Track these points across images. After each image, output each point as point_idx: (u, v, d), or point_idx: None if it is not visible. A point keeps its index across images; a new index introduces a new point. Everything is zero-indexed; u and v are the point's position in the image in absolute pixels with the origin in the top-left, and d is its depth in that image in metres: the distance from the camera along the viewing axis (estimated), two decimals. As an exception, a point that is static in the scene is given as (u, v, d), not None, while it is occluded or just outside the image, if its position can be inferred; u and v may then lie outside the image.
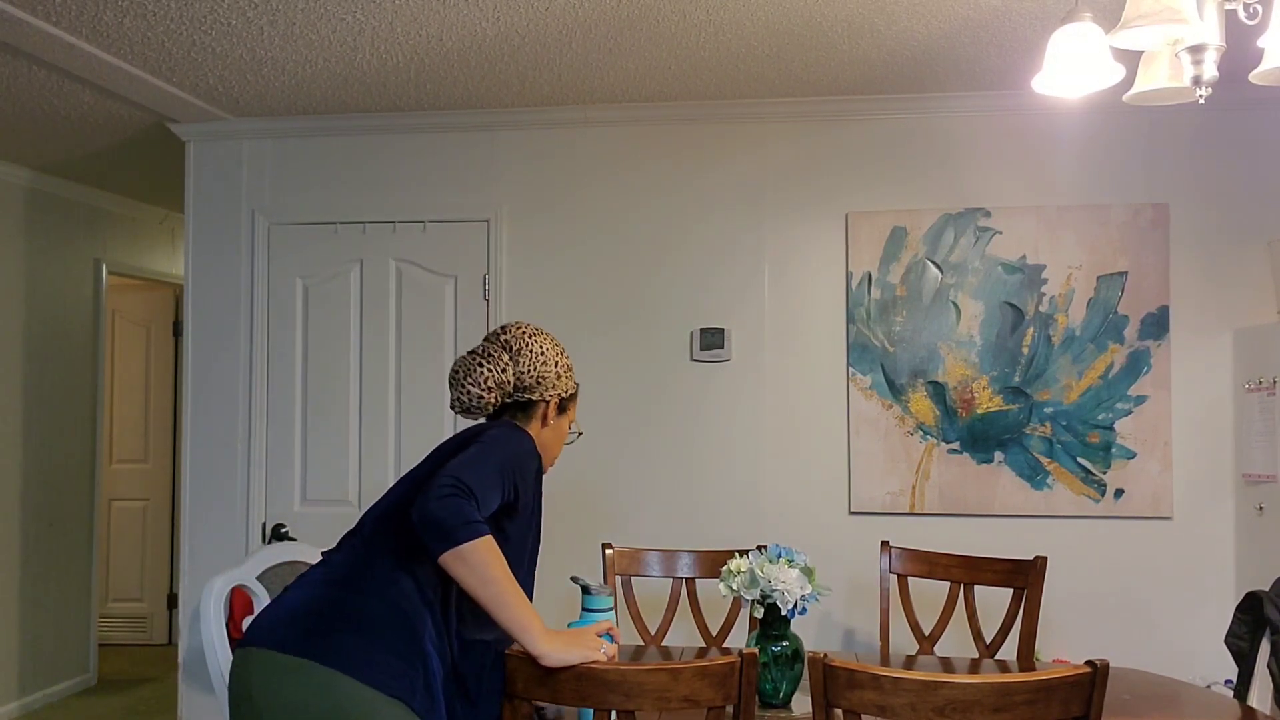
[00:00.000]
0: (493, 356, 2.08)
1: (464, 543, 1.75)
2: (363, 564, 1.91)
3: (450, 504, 1.76)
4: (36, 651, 4.96)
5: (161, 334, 6.27)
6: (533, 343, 2.11)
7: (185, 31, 3.15)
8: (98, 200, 5.38)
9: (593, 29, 3.14)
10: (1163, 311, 3.65)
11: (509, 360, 2.08)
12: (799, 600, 2.24)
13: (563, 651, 1.74)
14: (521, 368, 2.08)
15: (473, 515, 1.78)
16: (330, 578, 1.91)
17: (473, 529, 1.76)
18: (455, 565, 1.77)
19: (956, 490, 3.72)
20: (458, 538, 1.75)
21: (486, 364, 2.07)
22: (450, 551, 1.75)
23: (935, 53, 3.34)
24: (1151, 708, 2.28)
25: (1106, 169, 3.74)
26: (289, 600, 1.91)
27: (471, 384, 2.05)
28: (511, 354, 2.09)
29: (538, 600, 3.68)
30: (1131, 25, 1.82)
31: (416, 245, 4.04)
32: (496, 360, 2.08)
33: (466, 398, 2.07)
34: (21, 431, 4.90)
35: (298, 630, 1.82)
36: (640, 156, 3.96)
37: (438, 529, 1.75)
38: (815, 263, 3.86)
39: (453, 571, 1.78)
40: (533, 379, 2.09)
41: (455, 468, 1.83)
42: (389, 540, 1.92)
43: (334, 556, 1.97)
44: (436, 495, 1.77)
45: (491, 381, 2.06)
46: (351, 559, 1.93)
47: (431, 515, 1.76)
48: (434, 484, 1.79)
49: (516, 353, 2.09)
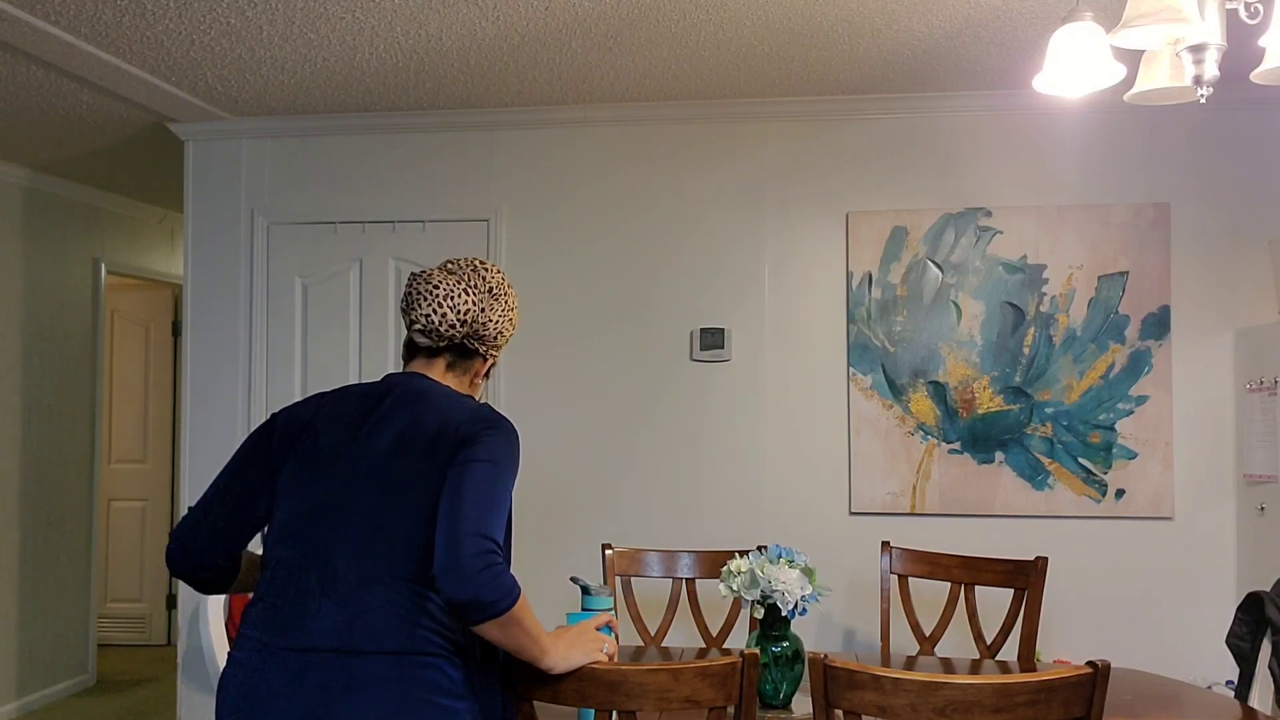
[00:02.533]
0: (475, 289, 1.87)
1: (506, 611, 1.61)
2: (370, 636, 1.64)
3: (488, 577, 1.58)
4: (35, 651, 4.96)
5: (161, 334, 6.27)
6: (510, 295, 1.93)
7: (185, 31, 3.14)
8: (97, 200, 5.38)
9: (593, 29, 3.14)
10: (1164, 311, 3.65)
11: (489, 301, 1.88)
12: (799, 601, 2.24)
13: (568, 659, 1.72)
14: (493, 314, 1.88)
15: (510, 582, 1.61)
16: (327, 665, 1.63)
17: (512, 598, 1.61)
18: (492, 630, 1.63)
19: (957, 490, 3.72)
20: (500, 611, 1.60)
21: (471, 294, 1.85)
22: (490, 622, 1.61)
23: (935, 52, 3.34)
24: (1152, 708, 2.27)
25: (1107, 169, 3.74)
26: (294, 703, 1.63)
27: (450, 308, 1.82)
28: (490, 295, 1.89)
29: (537, 601, 3.69)
30: (1132, 24, 1.82)
31: (416, 245, 4.04)
32: (479, 294, 1.87)
33: (439, 320, 1.82)
34: (21, 431, 4.89)
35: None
36: (640, 156, 3.95)
37: (479, 608, 1.59)
38: (815, 263, 3.86)
39: (486, 634, 1.64)
40: (494, 330, 1.88)
41: (477, 518, 1.61)
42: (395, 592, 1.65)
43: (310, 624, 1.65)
44: (473, 570, 1.57)
45: (468, 314, 1.84)
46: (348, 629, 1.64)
47: (472, 595, 1.57)
48: (462, 549, 1.58)
49: (495, 296, 1.89)
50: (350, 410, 1.80)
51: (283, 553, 1.72)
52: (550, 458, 3.93)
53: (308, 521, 1.71)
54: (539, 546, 3.87)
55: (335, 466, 1.74)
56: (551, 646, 1.71)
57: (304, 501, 1.73)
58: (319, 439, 1.77)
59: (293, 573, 1.69)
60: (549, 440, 3.93)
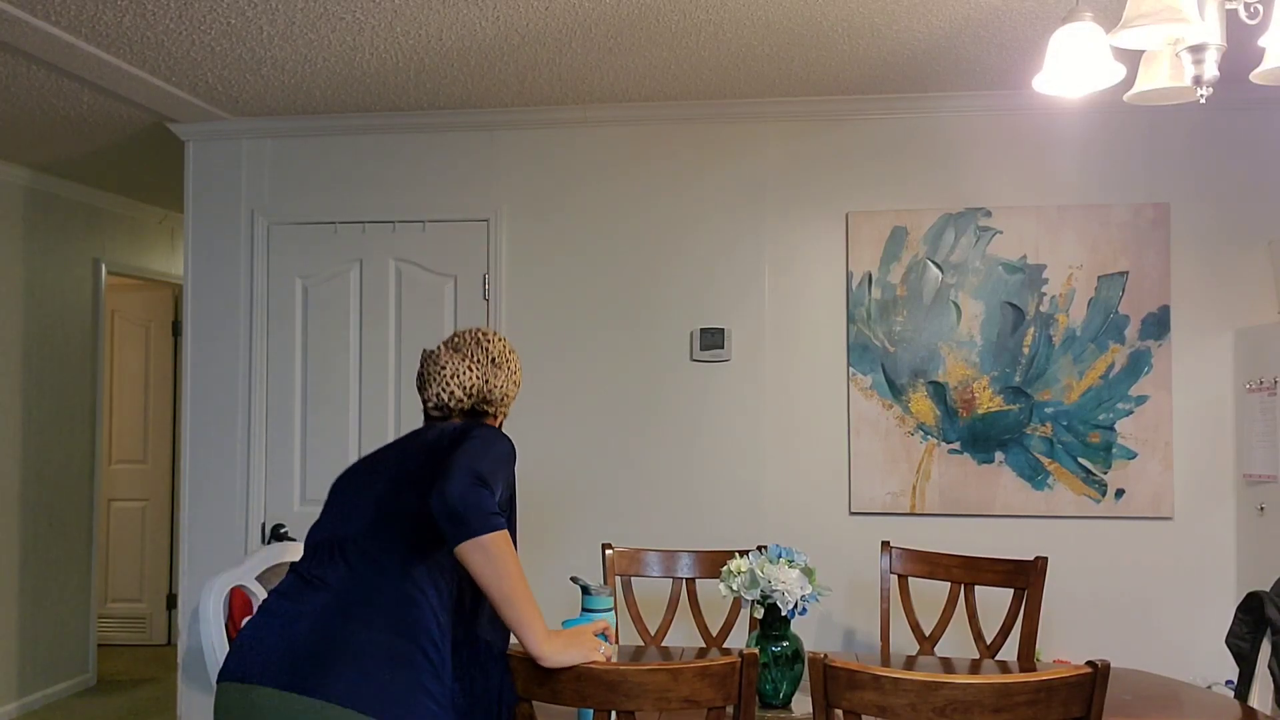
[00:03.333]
0: (479, 363, 2.09)
1: (485, 534, 1.75)
2: (369, 587, 1.84)
3: (472, 495, 1.76)
4: (36, 651, 4.96)
5: (161, 334, 6.27)
6: (512, 360, 2.15)
7: (185, 31, 3.14)
8: (97, 200, 5.38)
9: (593, 29, 3.14)
10: (1163, 311, 3.65)
11: (491, 370, 2.10)
12: (799, 600, 2.24)
13: (561, 653, 1.74)
14: (498, 380, 2.10)
15: (493, 508, 1.78)
16: (333, 605, 1.83)
17: (493, 521, 1.76)
18: (474, 554, 1.75)
19: (957, 490, 3.72)
20: (479, 528, 1.74)
21: (475, 369, 2.08)
22: (471, 541, 1.74)
23: (935, 52, 3.34)
24: (1152, 708, 2.27)
25: (1107, 169, 3.74)
26: (293, 633, 1.80)
27: (458, 386, 2.06)
28: (494, 365, 2.11)
29: (538, 602, 3.68)
30: (1132, 25, 1.82)
31: (416, 245, 4.04)
32: (482, 368, 2.09)
33: (448, 398, 2.07)
34: (21, 431, 4.89)
35: (309, 669, 1.75)
36: (640, 156, 3.95)
37: (460, 519, 1.75)
38: (815, 263, 3.86)
39: (469, 561, 1.76)
40: (499, 395, 2.11)
41: (468, 460, 1.81)
42: (391, 555, 1.86)
43: (326, 576, 1.87)
44: (458, 485, 1.76)
45: (474, 389, 2.08)
46: (353, 581, 1.85)
47: (454, 505, 1.75)
48: (451, 475, 1.78)
49: (498, 366, 2.11)
50: (372, 457, 2.10)
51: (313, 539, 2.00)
52: (550, 457, 3.93)
53: (332, 516, 1.99)
54: (539, 546, 3.87)
55: (356, 477, 2.05)
56: (545, 633, 1.77)
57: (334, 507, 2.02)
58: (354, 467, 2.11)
59: (316, 550, 1.95)
60: (549, 440, 3.94)
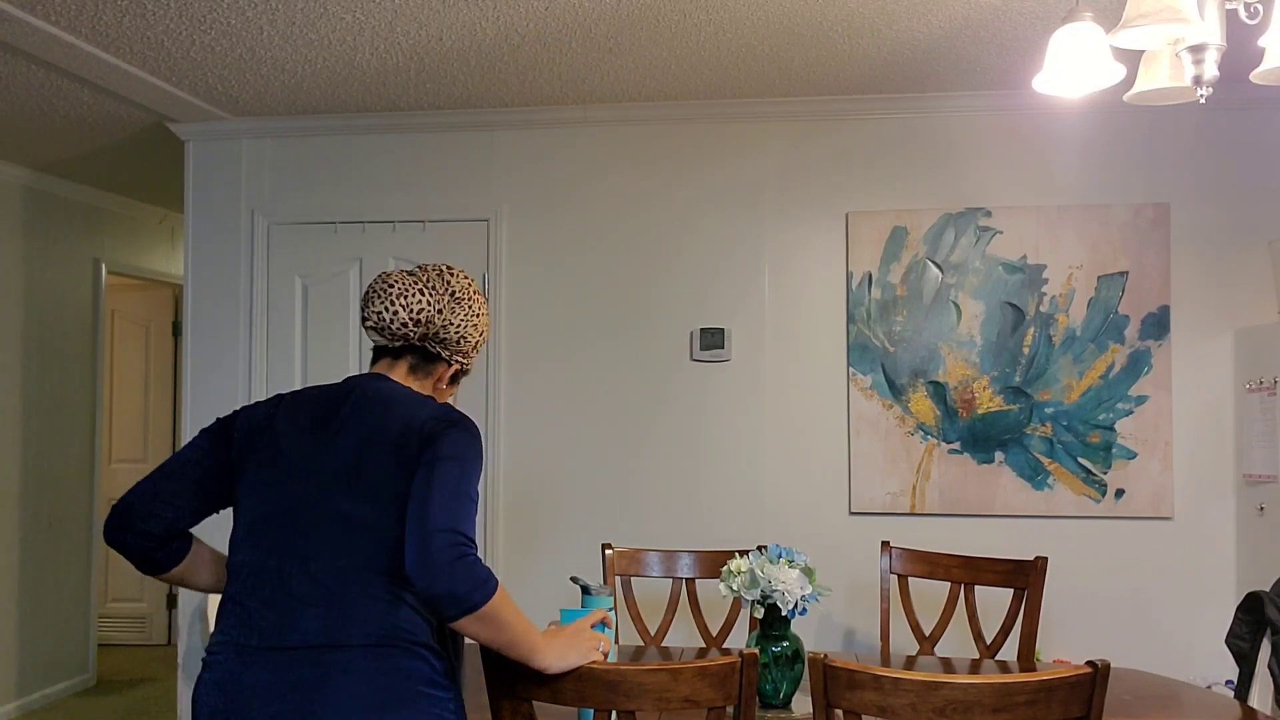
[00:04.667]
0: (435, 290, 1.88)
1: (483, 605, 1.61)
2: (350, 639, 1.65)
3: (460, 569, 1.58)
4: (36, 651, 4.96)
5: (161, 334, 6.27)
6: (475, 300, 1.93)
7: (185, 31, 3.14)
8: (97, 200, 5.38)
9: (593, 29, 3.14)
10: (1163, 311, 3.65)
11: (448, 302, 1.88)
12: (799, 600, 2.24)
13: (563, 659, 1.71)
14: (455, 317, 1.88)
15: (484, 573, 1.62)
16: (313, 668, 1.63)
17: (487, 589, 1.61)
18: (471, 626, 1.63)
19: (957, 490, 3.72)
20: (475, 603, 1.60)
21: (428, 294, 1.86)
22: (469, 617, 1.62)
23: (935, 52, 3.34)
24: (1152, 708, 2.27)
25: (1107, 169, 3.74)
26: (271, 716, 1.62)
27: (403, 306, 1.83)
28: (453, 298, 1.89)
29: (538, 602, 3.69)
30: (1132, 25, 1.82)
31: (416, 245, 4.04)
32: (438, 296, 1.88)
33: (390, 318, 1.83)
34: (21, 431, 4.89)
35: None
36: (640, 156, 3.95)
37: (453, 601, 1.59)
38: (815, 263, 3.86)
39: (468, 632, 1.64)
40: (455, 334, 1.89)
41: (444, 515, 1.62)
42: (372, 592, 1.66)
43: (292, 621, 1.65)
44: (443, 562, 1.58)
45: (423, 315, 1.85)
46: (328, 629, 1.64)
47: (445, 589, 1.58)
48: (431, 546, 1.59)
49: (457, 300, 1.90)
50: (310, 412, 1.80)
51: (251, 556, 1.71)
52: (550, 457, 3.93)
53: (277, 524, 1.71)
54: (540, 546, 3.87)
55: (299, 468, 1.74)
56: (545, 645, 1.70)
57: (270, 504, 1.73)
58: (279, 441, 1.77)
59: (264, 575, 1.69)
60: (549, 439, 3.93)
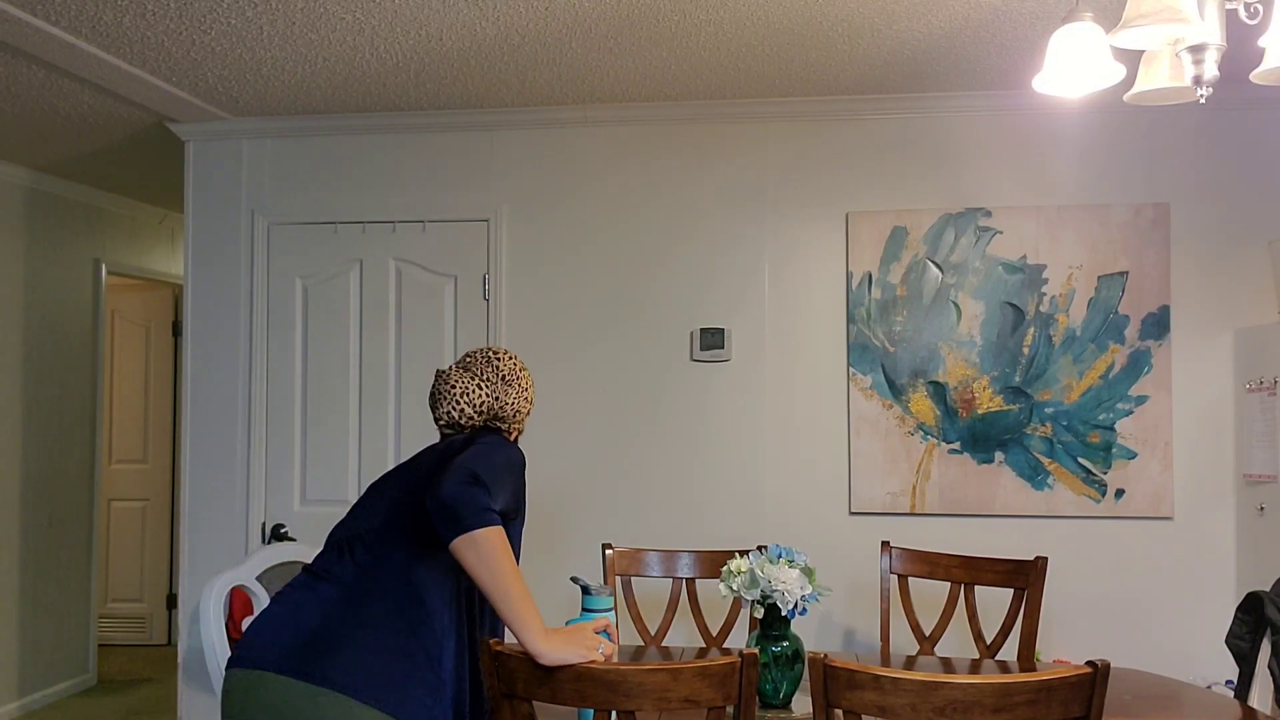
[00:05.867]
0: (489, 381, 2.16)
1: (477, 529, 1.77)
2: (374, 581, 1.91)
3: (465, 491, 1.80)
4: (36, 651, 4.96)
5: (161, 334, 6.27)
6: (523, 377, 2.21)
7: (185, 31, 3.14)
8: (97, 200, 5.38)
9: (593, 29, 3.14)
10: (1163, 311, 3.65)
11: (502, 387, 2.16)
12: (799, 600, 2.24)
13: (559, 651, 1.73)
14: (509, 397, 2.16)
15: (487, 504, 1.81)
16: (340, 597, 1.90)
17: (486, 516, 1.79)
18: (466, 550, 1.78)
19: (957, 490, 3.72)
20: (471, 523, 1.77)
21: (485, 387, 2.14)
22: (463, 536, 1.77)
23: (935, 52, 3.34)
24: (1152, 708, 2.27)
25: (1107, 169, 3.74)
26: (298, 621, 1.87)
27: (468, 404, 2.12)
28: (504, 383, 2.17)
29: (538, 602, 3.68)
30: (1132, 25, 1.82)
31: (416, 245, 4.04)
32: (492, 385, 2.16)
33: (458, 416, 2.13)
34: (21, 432, 4.89)
35: (312, 656, 1.81)
36: (640, 156, 3.95)
37: (452, 514, 1.78)
38: (815, 263, 3.86)
39: (462, 558, 1.79)
40: (512, 410, 2.17)
41: (467, 461, 1.86)
42: (397, 552, 1.93)
43: (334, 570, 1.95)
44: (452, 482, 1.80)
45: (484, 405, 2.14)
46: (359, 575, 1.92)
47: (447, 500, 1.79)
48: (447, 474, 1.82)
49: (508, 383, 2.17)
50: None
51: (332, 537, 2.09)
52: (550, 457, 3.93)
53: (352, 515, 2.08)
54: (539, 546, 3.87)
55: (381, 481, 2.14)
56: (541, 629, 1.77)
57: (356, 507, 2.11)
58: (385, 473, 2.20)
59: (330, 546, 2.04)
60: (549, 439, 3.93)
